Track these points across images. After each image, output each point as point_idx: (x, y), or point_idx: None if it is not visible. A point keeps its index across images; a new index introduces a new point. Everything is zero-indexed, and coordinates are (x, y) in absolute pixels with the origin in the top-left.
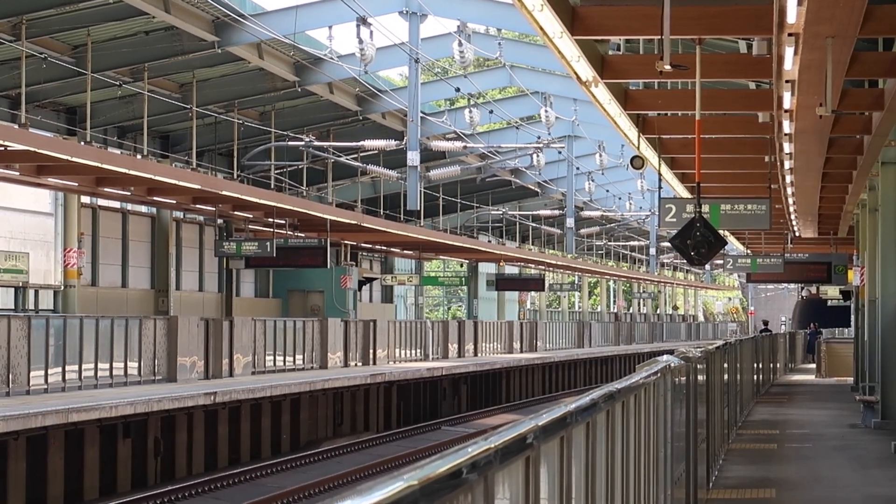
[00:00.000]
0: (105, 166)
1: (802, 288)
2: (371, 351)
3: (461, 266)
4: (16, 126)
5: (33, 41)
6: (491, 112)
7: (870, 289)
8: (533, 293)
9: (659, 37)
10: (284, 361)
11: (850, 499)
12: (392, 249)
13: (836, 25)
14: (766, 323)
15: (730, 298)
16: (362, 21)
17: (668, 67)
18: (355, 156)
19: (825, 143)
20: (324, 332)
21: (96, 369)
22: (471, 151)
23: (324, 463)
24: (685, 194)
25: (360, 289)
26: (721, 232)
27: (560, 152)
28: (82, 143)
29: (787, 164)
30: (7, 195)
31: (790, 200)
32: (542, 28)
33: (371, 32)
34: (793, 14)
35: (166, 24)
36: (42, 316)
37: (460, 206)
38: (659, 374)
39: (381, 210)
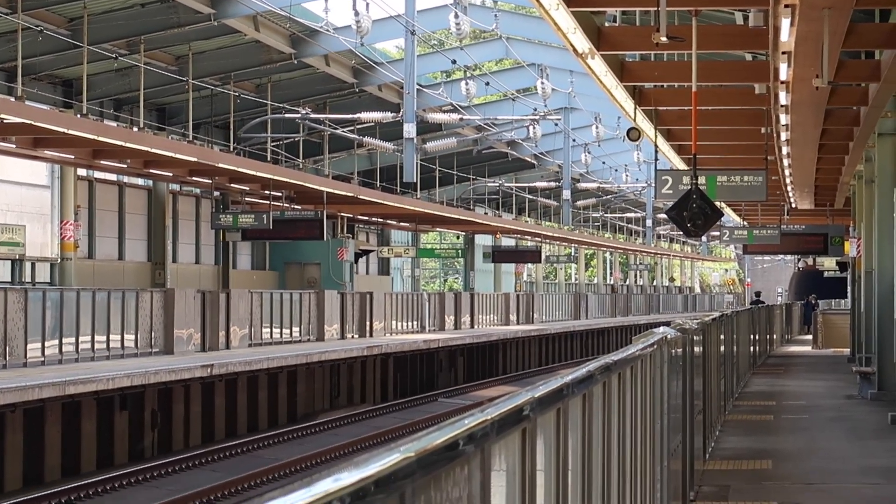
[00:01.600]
0: (101, 139)
1: (799, 259)
2: (368, 323)
3: (458, 238)
4: (12, 99)
5: (29, 14)
6: (487, 84)
7: (866, 260)
8: (529, 265)
9: (655, 8)
10: (281, 334)
11: (846, 470)
12: (388, 222)
13: None
14: (758, 294)
15: (726, 270)
16: None
17: (664, 39)
18: (352, 128)
19: (821, 115)
20: (320, 305)
21: (93, 342)
22: (467, 123)
23: (321, 435)
24: (682, 166)
25: (356, 261)
26: (717, 203)
27: (556, 124)
28: (78, 115)
29: (783, 136)
30: (3, 168)
31: (787, 172)
32: (538, 0)
33: (367, 4)
34: None
35: None
36: (39, 288)
37: (457, 178)
38: (655, 346)
39: (378, 182)
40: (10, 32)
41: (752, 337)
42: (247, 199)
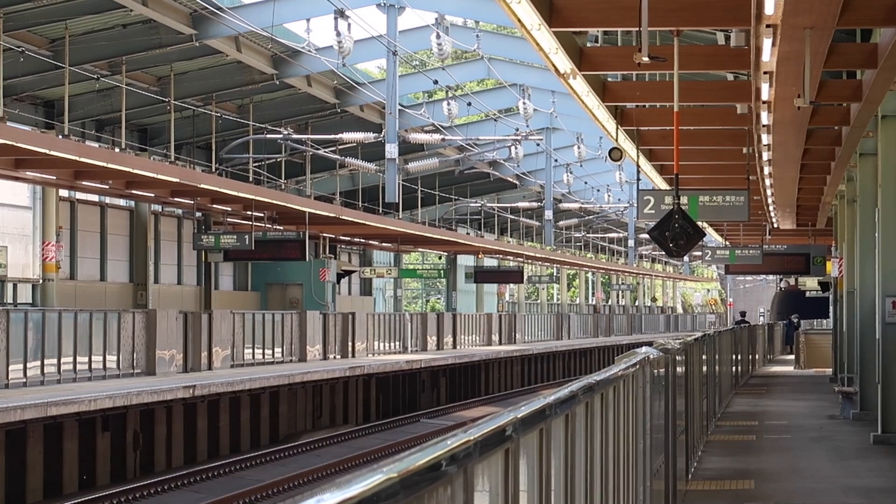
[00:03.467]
0: (83, 160)
1: (781, 279)
2: (350, 344)
3: (440, 258)
4: None
5: (11, 35)
6: (469, 104)
7: (848, 280)
8: (512, 285)
9: (637, 28)
10: (263, 354)
11: (828, 490)
12: (370, 242)
13: (814, 17)
14: (742, 314)
15: (708, 290)
16: (340, 14)
17: (646, 59)
18: (333, 148)
19: (803, 135)
20: (302, 325)
21: (75, 363)
22: (449, 144)
23: (303, 456)
24: (663, 186)
25: (338, 281)
26: (699, 223)
27: (538, 144)
28: (60, 136)
29: (765, 156)
30: None
31: (768, 192)
32: (520, 20)
33: (349, 25)
34: (770, 5)
35: (144, 17)
36: (20, 309)
37: (439, 199)
38: (638, 366)
39: (360, 203)
40: None
41: (734, 357)
42: (229, 219)
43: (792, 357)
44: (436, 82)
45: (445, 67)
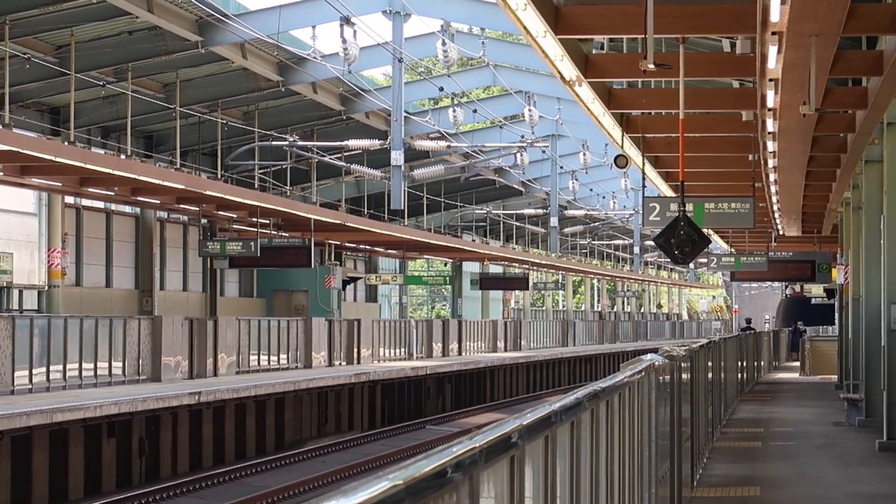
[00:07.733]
0: (89, 166)
1: (786, 286)
2: (355, 350)
3: (445, 265)
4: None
5: (17, 41)
6: (475, 111)
7: (854, 287)
8: (517, 292)
9: (642, 36)
10: (269, 361)
11: (834, 496)
12: (376, 249)
13: (819, 24)
14: (748, 321)
15: (714, 297)
16: (346, 21)
17: (651, 66)
18: (339, 155)
19: (809, 142)
20: (308, 332)
21: (80, 369)
22: (454, 151)
23: (308, 462)
24: (669, 193)
25: (344, 288)
26: (705, 230)
27: (544, 151)
28: (66, 143)
29: (770, 163)
30: None
31: (774, 199)
32: (525, 27)
33: (355, 32)
34: (776, 13)
35: (150, 24)
36: (26, 316)
37: (444, 206)
38: (643, 373)
39: (365, 209)
40: None
41: (739, 364)
42: (234, 226)
43: (797, 364)
44: (441, 89)
45: (451, 74)
